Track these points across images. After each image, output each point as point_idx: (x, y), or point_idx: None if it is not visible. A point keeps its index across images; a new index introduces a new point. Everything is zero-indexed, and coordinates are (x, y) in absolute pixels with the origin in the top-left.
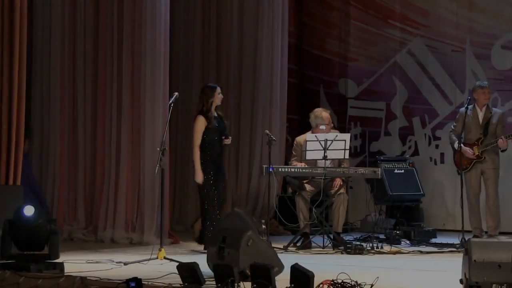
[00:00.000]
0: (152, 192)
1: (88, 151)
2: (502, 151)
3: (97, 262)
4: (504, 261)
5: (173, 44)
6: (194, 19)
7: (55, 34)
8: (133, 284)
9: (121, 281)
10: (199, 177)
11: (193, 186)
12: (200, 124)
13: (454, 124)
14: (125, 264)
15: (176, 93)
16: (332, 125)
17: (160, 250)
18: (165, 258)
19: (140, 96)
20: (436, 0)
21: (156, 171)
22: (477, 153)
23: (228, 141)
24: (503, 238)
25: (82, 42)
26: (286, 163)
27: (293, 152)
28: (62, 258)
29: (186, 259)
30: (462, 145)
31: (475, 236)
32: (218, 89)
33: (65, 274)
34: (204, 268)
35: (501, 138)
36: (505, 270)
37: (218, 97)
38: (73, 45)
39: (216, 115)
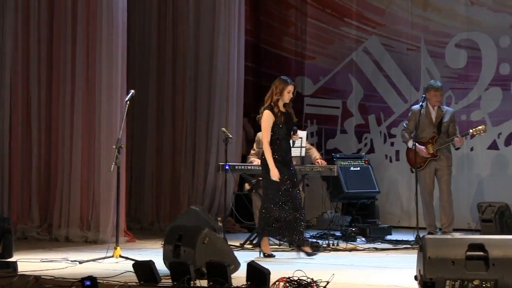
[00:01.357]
0: (108, 190)
1: (43, 149)
2: (457, 149)
3: (51, 261)
4: (458, 257)
5: (129, 42)
6: (150, 17)
7: (8, 31)
8: (88, 283)
9: (76, 280)
10: (275, 174)
11: (149, 184)
12: (267, 119)
13: (406, 122)
14: (80, 262)
15: (132, 91)
16: None
17: (115, 248)
18: (120, 256)
19: (96, 94)
20: None
21: (112, 169)
22: (432, 152)
23: (296, 137)
24: (457, 235)
25: (35, 39)
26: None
27: (254, 146)
28: (15, 257)
29: (142, 257)
30: (416, 144)
31: (429, 233)
32: (290, 87)
33: (18, 273)
34: (160, 266)
35: (457, 137)
36: (458, 267)
37: (286, 95)
38: (26, 41)
39: (284, 110)
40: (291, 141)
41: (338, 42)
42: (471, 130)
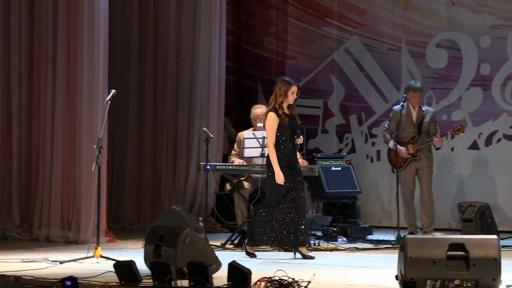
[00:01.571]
0: (89, 190)
1: (23, 149)
2: (437, 149)
3: (32, 261)
4: (439, 257)
5: (110, 41)
6: (131, 16)
7: None
8: (68, 283)
9: (56, 280)
10: (280, 178)
11: (130, 184)
12: (272, 121)
13: (388, 122)
14: (61, 263)
15: (113, 91)
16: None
17: (96, 248)
18: (101, 256)
19: (77, 93)
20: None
21: (93, 168)
22: (413, 152)
23: (300, 140)
24: (438, 235)
25: (16, 39)
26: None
27: (235, 147)
28: None
29: (123, 257)
30: (397, 144)
31: (410, 233)
32: (293, 88)
33: None
34: (141, 266)
35: (437, 137)
36: (439, 266)
37: (290, 96)
38: (7, 41)
39: (288, 112)
40: (296, 144)
41: (319, 42)
42: (449, 132)
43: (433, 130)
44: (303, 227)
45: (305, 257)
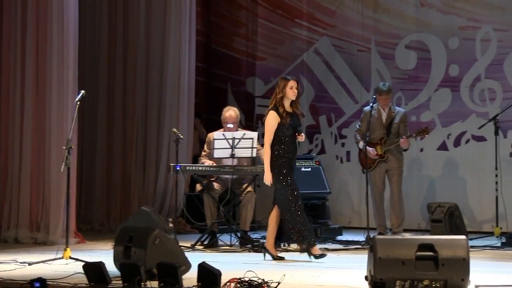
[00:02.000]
0: (58, 191)
1: None
2: (404, 150)
3: (0, 263)
4: (408, 258)
5: (80, 42)
6: (100, 17)
7: None
8: (37, 284)
9: (25, 282)
10: (267, 178)
11: (99, 185)
12: (271, 120)
13: (359, 123)
14: (30, 264)
15: (83, 91)
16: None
17: (65, 249)
18: (70, 257)
19: (46, 94)
20: (342, 1)
21: (62, 169)
22: (381, 153)
23: (301, 138)
24: (407, 235)
25: None
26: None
27: (205, 148)
28: None
29: (92, 258)
30: (366, 145)
31: (379, 234)
32: (291, 83)
33: None
34: (111, 267)
35: (402, 138)
36: (408, 267)
37: (289, 92)
38: None
39: (290, 111)
40: (297, 142)
41: (289, 43)
42: (414, 133)
43: (403, 131)
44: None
45: (316, 257)
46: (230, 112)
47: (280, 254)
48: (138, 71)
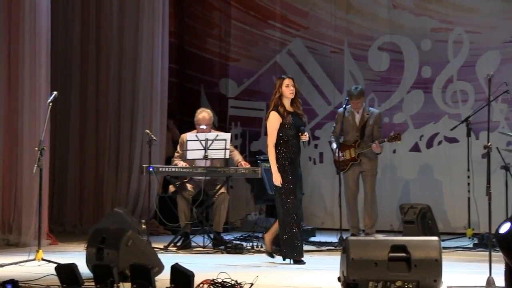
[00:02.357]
0: (30, 193)
1: None
2: (377, 154)
3: None
4: (381, 259)
5: (52, 43)
6: (73, 18)
7: None
8: (9, 286)
9: None
10: (277, 179)
11: (72, 186)
12: (273, 120)
13: (334, 125)
14: (1, 266)
15: (55, 92)
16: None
17: (37, 251)
18: (43, 259)
19: (18, 95)
20: (315, 2)
21: (34, 171)
22: (354, 156)
23: (305, 137)
24: (380, 236)
25: None
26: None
27: (178, 149)
28: None
29: (65, 260)
30: (338, 148)
31: (352, 235)
32: (286, 81)
33: None
34: (83, 269)
35: (375, 143)
36: (381, 268)
37: (286, 90)
38: None
39: (292, 110)
40: (302, 142)
41: (262, 44)
42: (386, 139)
43: (377, 133)
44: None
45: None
46: (204, 114)
47: (253, 255)
48: (111, 72)
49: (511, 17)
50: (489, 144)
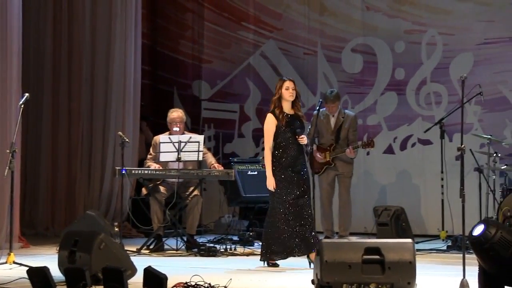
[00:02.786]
0: (1, 195)
1: None
2: (352, 158)
3: None
4: (355, 261)
5: (24, 44)
6: (45, 19)
7: None
8: None
9: None
10: (270, 184)
11: (44, 189)
12: (268, 123)
13: (309, 127)
14: None
15: (27, 94)
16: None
17: (9, 254)
18: (14, 262)
19: None
20: (288, 4)
21: (6, 173)
22: (328, 159)
23: (301, 140)
24: (353, 239)
25: None
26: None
27: (151, 151)
28: None
29: (37, 263)
30: (311, 150)
31: (326, 237)
32: (286, 83)
33: None
34: (55, 272)
35: (348, 149)
36: (355, 270)
37: (285, 92)
38: None
39: (291, 112)
40: (302, 146)
41: (235, 46)
42: (360, 145)
43: (352, 136)
44: (313, 233)
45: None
46: (177, 113)
47: (226, 258)
48: (84, 74)
49: (484, 19)
50: (462, 146)
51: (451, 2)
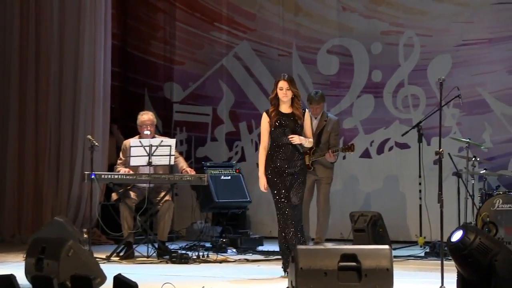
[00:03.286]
0: None
1: None
2: (331, 163)
3: None
4: (331, 268)
5: None
6: (11, 18)
7: None
8: None
9: None
10: (261, 184)
11: (10, 194)
12: (262, 122)
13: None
14: None
15: None
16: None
17: None
18: None
19: None
20: (262, 4)
21: None
22: (308, 163)
23: (291, 139)
24: (329, 245)
25: None
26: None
27: (121, 155)
28: None
29: (3, 271)
30: None
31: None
32: (280, 83)
33: None
34: (22, 280)
35: (328, 152)
36: (331, 278)
37: (279, 93)
38: None
39: (288, 111)
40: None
41: (208, 47)
42: (340, 149)
43: (333, 141)
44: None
45: None
46: (148, 116)
47: (199, 265)
48: (51, 76)
49: (463, 19)
50: (440, 150)
51: (429, 2)
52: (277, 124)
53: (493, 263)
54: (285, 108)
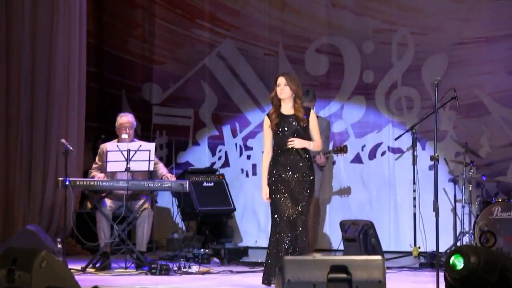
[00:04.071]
0: None
1: None
2: (321, 167)
3: None
4: (320, 280)
5: None
6: None
7: None
8: None
9: None
10: (263, 194)
11: None
12: (263, 125)
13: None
14: None
15: None
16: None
17: None
18: None
19: None
20: (247, 0)
21: None
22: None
23: (291, 143)
24: (318, 256)
25: None
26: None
27: (97, 160)
28: None
29: None
30: None
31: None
32: (278, 79)
33: None
34: None
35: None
36: None
37: (277, 89)
38: None
39: (290, 113)
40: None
41: (189, 45)
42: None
43: (324, 145)
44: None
45: None
46: (127, 118)
47: (180, 277)
48: (23, 77)
49: (459, 17)
50: (436, 155)
51: None
52: (278, 127)
53: (505, 274)
54: (286, 109)
